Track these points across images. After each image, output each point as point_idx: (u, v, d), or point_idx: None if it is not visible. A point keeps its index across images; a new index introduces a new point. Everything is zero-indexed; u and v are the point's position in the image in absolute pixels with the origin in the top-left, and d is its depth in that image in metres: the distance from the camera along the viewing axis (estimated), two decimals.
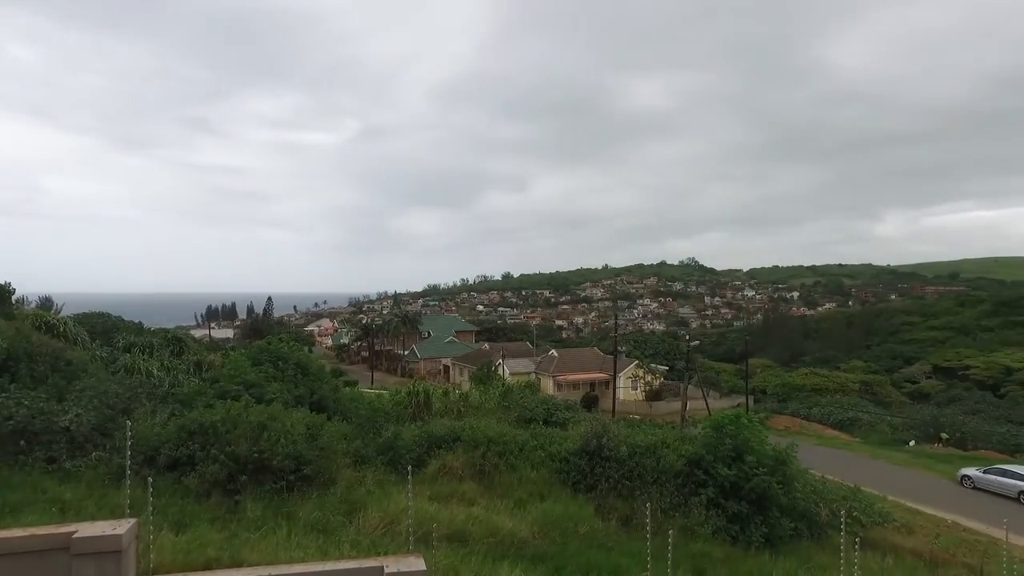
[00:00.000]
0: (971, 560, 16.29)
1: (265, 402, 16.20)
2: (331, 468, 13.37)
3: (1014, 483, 28.43)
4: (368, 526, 11.29)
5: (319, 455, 13.04)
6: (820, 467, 24.10)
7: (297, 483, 12.17)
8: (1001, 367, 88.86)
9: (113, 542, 5.43)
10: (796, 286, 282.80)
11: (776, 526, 15.36)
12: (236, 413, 13.14)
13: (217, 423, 12.64)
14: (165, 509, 10.24)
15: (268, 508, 11.22)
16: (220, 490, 11.51)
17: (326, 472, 13.06)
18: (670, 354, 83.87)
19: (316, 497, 12.12)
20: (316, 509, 11.44)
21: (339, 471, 13.73)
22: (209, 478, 11.58)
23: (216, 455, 11.76)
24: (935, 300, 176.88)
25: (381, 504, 12.16)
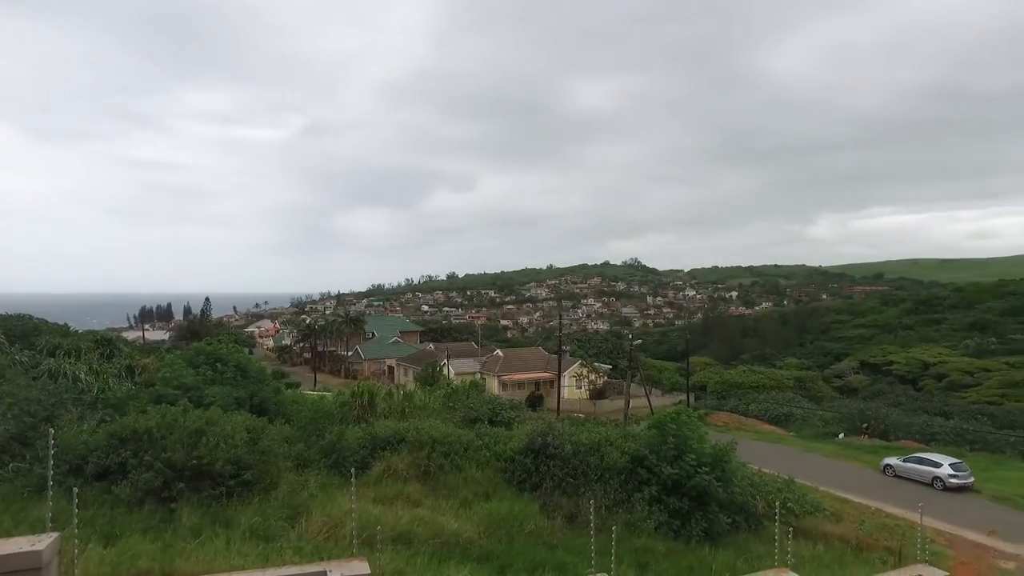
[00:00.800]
0: (891, 543, 17.19)
1: (204, 406, 15.70)
2: (273, 472, 13.08)
3: (928, 470, 30.16)
4: (311, 530, 11.09)
5: (260, 459, 12.73)
6: (757, 461, 24.99)
7: (237, 489, 11.84)
8: (919, 362, 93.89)
9: (32, 559, 5.05)
10: (735, 286, 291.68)
11: (715, 520, 15.86)
12: (172, 418, 12.70)
13: (152, 428, 12.18)
14: (93, 521, 9.80)
15: (206, 516, 10.88)
16: (154, 499, 11.08)
17: (267, 477, 12.76)
18: (614, 353, 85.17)
19: (257, 503, 11.83)
20: (257, 515, 11.16)
21: (281, 475, 13.44)
22: (142, 486, 11.13)
23: (151, 462, 11.32)
24: (862, 299, 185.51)
25: (324, 508, 11.97)
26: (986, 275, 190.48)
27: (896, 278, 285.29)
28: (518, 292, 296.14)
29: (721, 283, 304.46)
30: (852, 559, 15.76)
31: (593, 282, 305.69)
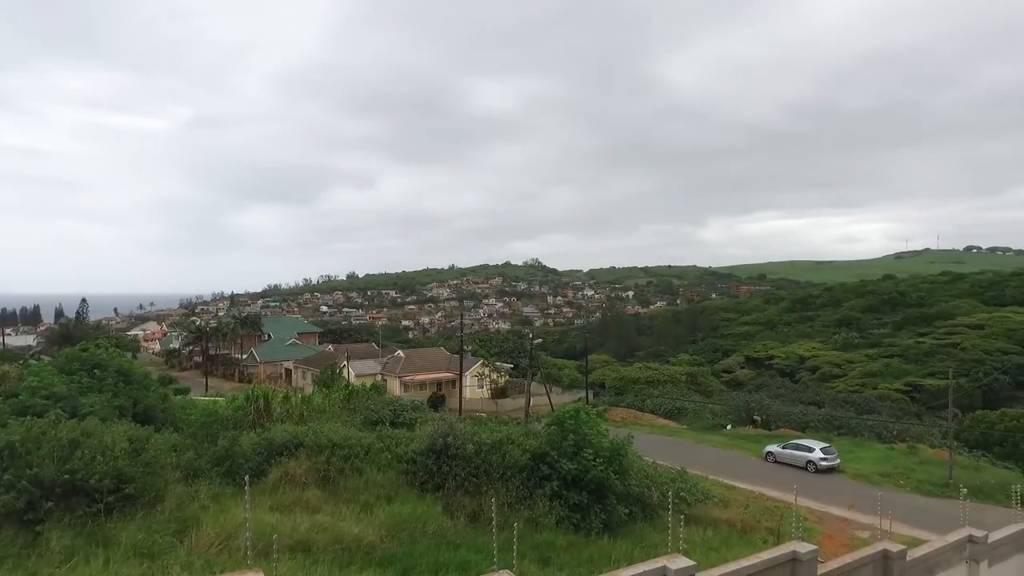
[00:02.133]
0: (772, 524, 18.47)
1: (79, 416, 14.54)
2: (158, 485, 12.31)
3: (803, 455, 32.72)
4: (202, 544, 10.55)
5: (144, 471, 11.96)
6: (652, 454, 26.05)
7: (118, 504, 11.06)
8: (797, 356, 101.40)
9: None
10: (631, 286, 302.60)
11: (614, 512, 16.44)
12: (40, 431, 11.68)
13: (15, 443, 11.12)
14: None
15: (80, 536, 10.08)
16: (15, 521, 10.10)
17: (152, 490, 12.00)
18: (515, 352, 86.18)
19: (141, 518, 11.10)
20: (140, 531, 10.48)
21: (168, 487, 12.68)
22: (0, 510, 10.12)
23: (12, 481, 10.32)
24: (747, 299, 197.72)
25: (217, 519, 11.41)
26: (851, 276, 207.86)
27: (777, 279, 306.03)
28: (419, 292, 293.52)
29: (618, 283, 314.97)
30: (738, 541, 16.80)
31: (494, 282, 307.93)
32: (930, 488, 28.43)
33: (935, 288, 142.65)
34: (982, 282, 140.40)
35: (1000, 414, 44.21)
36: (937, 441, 38.10)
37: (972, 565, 13.21)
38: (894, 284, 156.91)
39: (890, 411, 59.67)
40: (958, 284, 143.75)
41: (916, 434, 42.44)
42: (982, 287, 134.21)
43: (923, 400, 72.00)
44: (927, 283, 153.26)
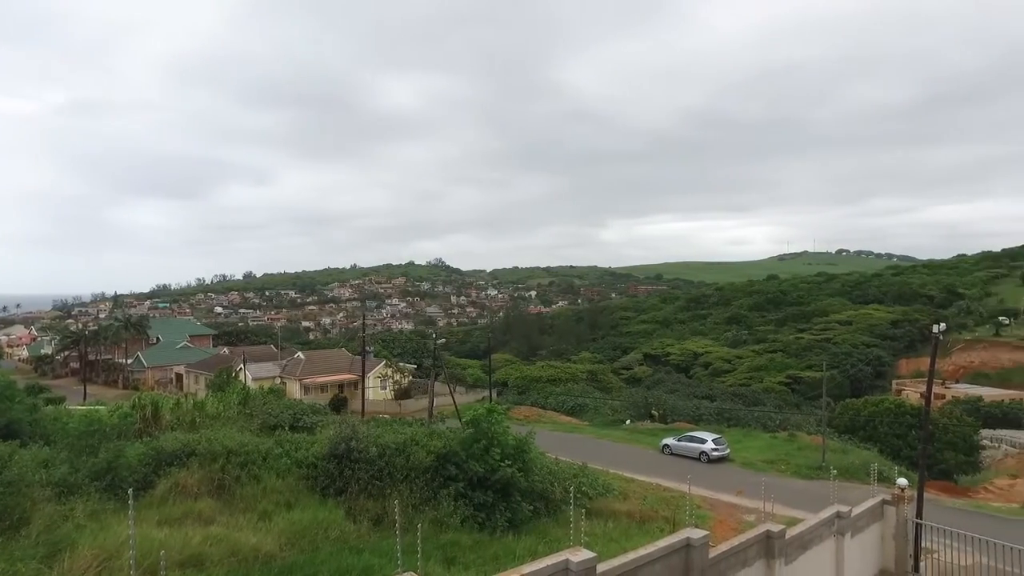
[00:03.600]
0: (668, 513, 19.35)
1: None
2: (23, 506, 11.26)
3: (696, 446, 34.51)
4: (77, 567, 9.77)
5: (4, 492, 10.90)
6: (555, 450, 26.57)
7: None
8: (691, 352, 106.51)
9: None
10: (534, 286, 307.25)
11: (518, 509, 16.65)
12: None
13: None
14: None
15: None
16: None
17: (15, 511, 10.96)
18: (418, 352, 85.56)
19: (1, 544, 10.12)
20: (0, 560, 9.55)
21: (35, 508, 11.63)
22: None
23: None
24: (645, 298, 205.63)
25: (96, 539, 10.60)
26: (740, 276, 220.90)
27: (673, 278, 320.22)
28: (320, 293, 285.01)
29: (521, 283, 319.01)
30: (637, 531, 17.46)
31: (398, 282, 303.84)
32: (807, 471, 30.75)
33: (812, 288, 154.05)
34: (850, 282, 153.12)
35: (864, 401, 48.32)
36: (813, 428, 41.16)
37: (839, 538, 14.47)
38: (777, 284, 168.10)
39: (774, 403, 63.97)
40: (831, 284, 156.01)
41: (796, 423, 45.69)
42: (850, 287, 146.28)
43: (802, 391, 77.61)
44: (805, 283, 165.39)
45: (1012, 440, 47.73)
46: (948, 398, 57.95)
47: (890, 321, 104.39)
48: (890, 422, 41.81)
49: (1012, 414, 53.59)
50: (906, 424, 40.53)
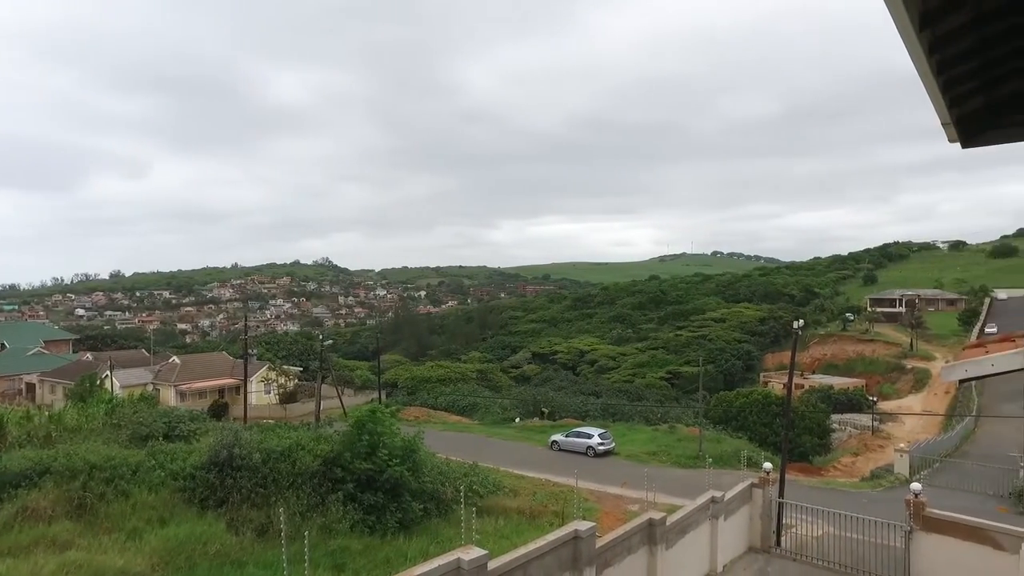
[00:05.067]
0: (557, 508, 19.88)
1: None
2: None
3: (583, 441, 35.68)
4: None
5: None
6: (446, 450, 26.58)
7: None
8: (578, 350, 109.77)
9: None
10: (423, 286, 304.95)
11: (408, 510, 16.53)
12: None
13: None
14: None
15: None
16: None
17: None
18: (304, 354, 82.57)
19: None
20: None
21: None
22: None
23: None
24: (533, 298, 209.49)
25: None
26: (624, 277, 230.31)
27: (560, 278, 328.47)
28: (198, 293, 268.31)
29: (410, 283, 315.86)
30: (527, 526, 17.81)
31: (282, 282, 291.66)
32: (686, 461, 32.61)
33: (690, 287, 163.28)
34: (724, 282, 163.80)
35: (736, 393, 51.89)
36: (691, 420, 43.67)
37: (714, 521, 15.53)
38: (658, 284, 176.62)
39: (655, 397, 67.26)
40: (706, 284, 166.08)
41: (675, 416, 48.28)
42: (723, 287, 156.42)
43: (681, 385, 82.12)
44: (684, 283, 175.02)
45: (854, 423, 53.10)
46: (806, 388, 63.37)
47: (758, 318, 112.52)
48: (758, 412, 45.10)
49: (855, 400, 59.55)
50: (772, 413, 43.87)
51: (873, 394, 65.71)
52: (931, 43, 3.66)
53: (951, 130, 4.35)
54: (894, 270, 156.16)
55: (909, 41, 3.56)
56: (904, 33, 3.47)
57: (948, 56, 3.83)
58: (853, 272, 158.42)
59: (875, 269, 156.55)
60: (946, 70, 3.92)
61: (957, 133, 4.37)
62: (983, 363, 6.34)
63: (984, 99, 4.26)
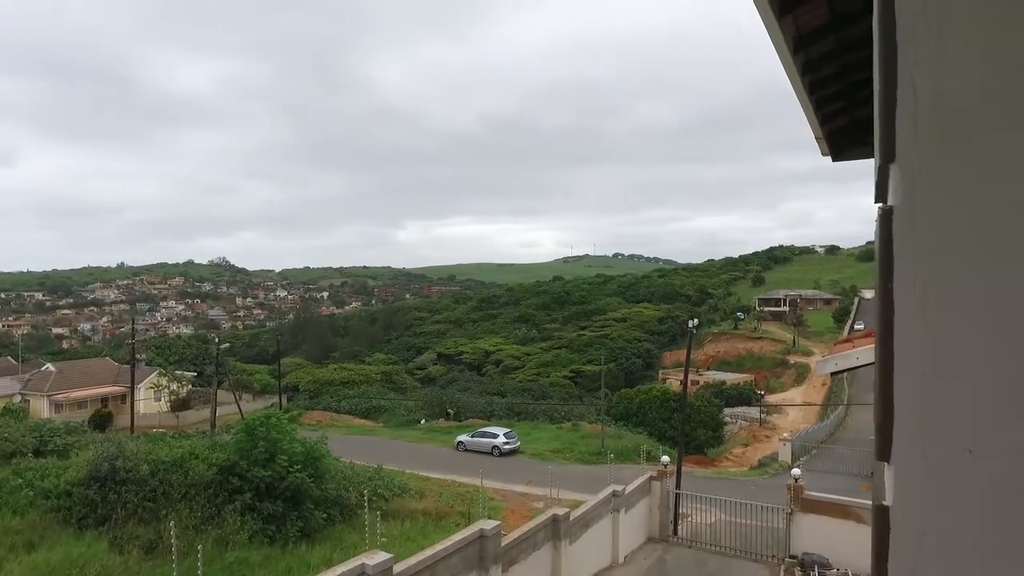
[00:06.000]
0: (464, 508, 19.93)
1: None
2: None
3: (489, 441, 35.97)
4: None
5: None
6: (350, 454, 26.01)
7: None
8: (483, 351, 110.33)
9: None
10: (326, 286, 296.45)
11: (311, 518, 16.07)
12: None
13: None
14: None
15: None
16: None
17: None
18: (199, 359, 78.36)
19: None
20: None
21: None
22: None
23: None
24: (439, 298, 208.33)
25: None
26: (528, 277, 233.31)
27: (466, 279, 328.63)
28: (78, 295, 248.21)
29: (313, 284, 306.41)
30: (434, 528, 17.75)
31: (175, 282, 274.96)
32: (589, 457, 33.53)
33: (592, 288, 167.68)
34: (624, 283, 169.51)
35: (636, 390, 53.91)
36: (593, 418, 44.91)
37: (615, 514, 16.11)
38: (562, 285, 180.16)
39: (559, 396, 68.63)
40: (608, 285, 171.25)
41: (579, 413, 49.49)
42: (624, 287, 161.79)
43: (584, 384, 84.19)
44: (587, 284, 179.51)
45: (745, 415, 56.58)
46: (701, 384, 66.73)
47: (657, 318, 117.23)
48: (657, 407, 47.03)
49: (745, 394, 63.51)
50: (669, 408, 45.86)
51: (761, 388, 70.24)
52: (804, 64, 4.00)
53: (823, 144, 4.78)
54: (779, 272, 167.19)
55: (786, 62, 3.89)
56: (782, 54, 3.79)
57: (819, 78, 4.20)
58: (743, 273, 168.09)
59: (763, 271, 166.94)
60: (818, 90, 4.30)
61: (828, 147, 4.80)
62: (850, 357, 6.96)
63: (849, 118, 4.70)
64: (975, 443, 0.77)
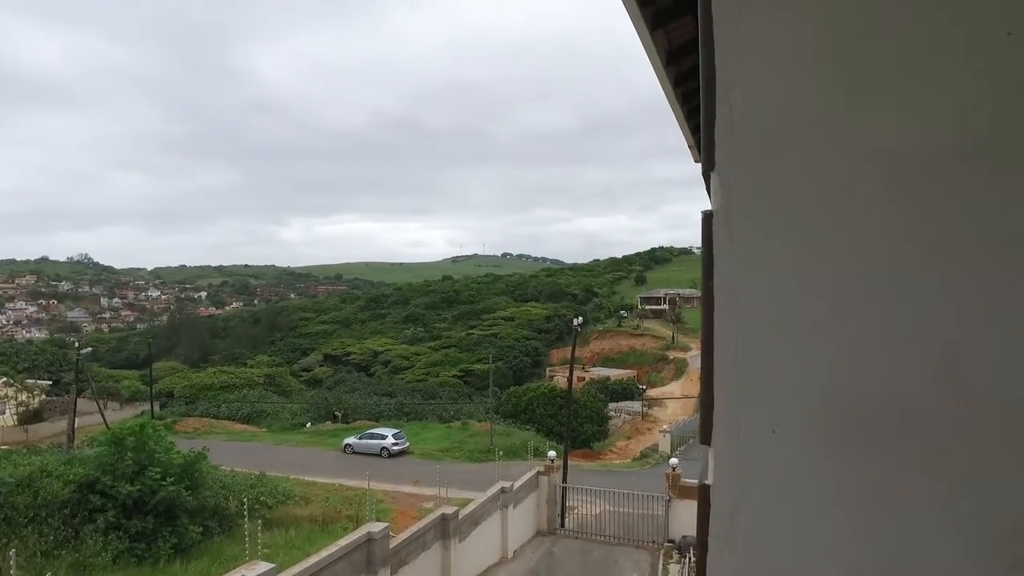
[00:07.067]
0: (351, 512, 19.50)
1: None
2: None
3: (378, 443, 35.47)
4: None
5: None
6: (230, 462, 24.74)
7: None
8: (371, 351, 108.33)
9: None
10: (204, 286, 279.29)
11: (186, 533, 15.14)
12: None
13: None
14: None
15: None
16: None
17: None
18: (55, 365, 71.67)
19: None
20: None
21: None
22: None
23: None
24: (325, 298, 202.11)
25: None
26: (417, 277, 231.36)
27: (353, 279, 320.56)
28: None
29: (189, 283, 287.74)
30: (320, 534, 17.24)
31: (25, 281, 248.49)
32: (478, 455, 33.78)
33: (481, 287, 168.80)
34: (513, 283, 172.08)
35: (525, 388, 54.97)
36: (483, 416, 45.29)
37: (504, 510, 16.37)
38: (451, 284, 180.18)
39: (449, 395, 68.55)
40: (497, 284, 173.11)
41: (468, 412, 49.74)
42: (513, 287, 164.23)
43: (473, 383, 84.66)
44: (476, 283, 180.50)
45: (628, 409, 59.18)
46: (587, 380, 68.99)
47: (544, 316, 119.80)
48: (545, 404, 48.10)
49: (628, 388, 66.41)
50: (557, 405, 47.01)
51: (643, 383, 73.66)
52: (676, 77, 4.28)
53: (695, 151, 5.13)
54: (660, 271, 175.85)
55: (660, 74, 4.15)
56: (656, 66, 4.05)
57: (689, 89, 4.51)
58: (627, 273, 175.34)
59: (645, 271, 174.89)
60: (688, 101, 4.62)
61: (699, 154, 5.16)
62: None
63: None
64: (778, 424, 0.90)
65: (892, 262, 0.87)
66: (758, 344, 0.90)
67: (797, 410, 0.88)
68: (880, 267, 0.88)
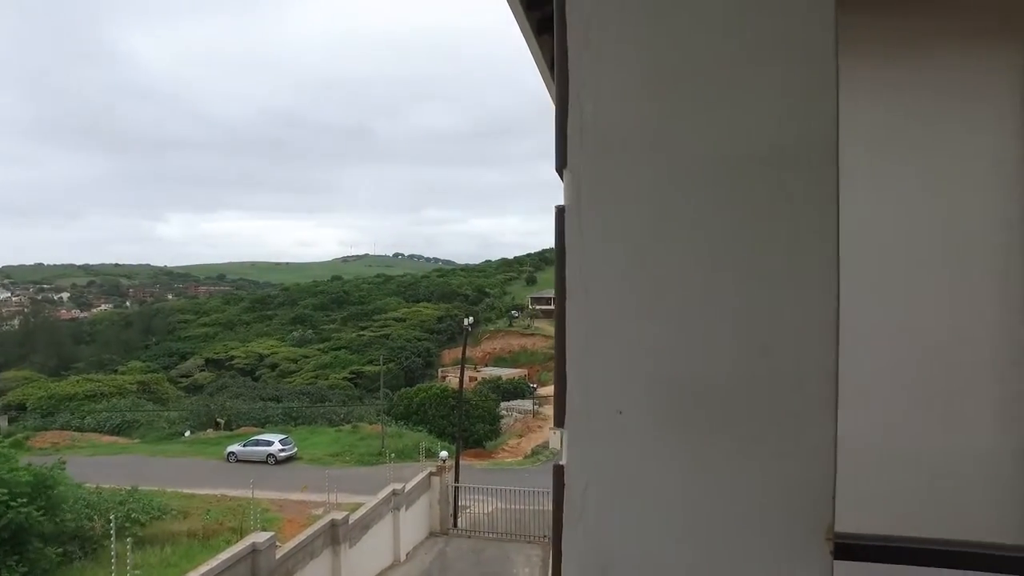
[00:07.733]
0: (235, 523, 18.57)
1: None
2: None
3: (264, 450, 34.09)
4: None
5: None
6: (97, 477, 22.93)
7: None
8: (256, 354, 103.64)
9: None
10: (66, 286, 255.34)
11: (39, 559, 13.82)
12: None
13: None
14: None
15: None
16: None
17: None
18: None
19: None
20: None
21: None
22: None
23: None
24: (207, 299, 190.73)
25: None
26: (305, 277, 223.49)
27: (237, 279, 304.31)
28: None
29: (48, 283, 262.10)
30: (200, 549, 16.31)
31: None
32: (369, 459, 33.17)
33: (372, 288, 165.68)
34: (405, 283, 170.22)
35: (416, 389, 54.48)
36: (374, 418, 44.50)
37: (396, 512, 16.22)
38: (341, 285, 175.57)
39: (339, 398, 66.81)
40: (388, 285, 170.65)
41: (359, 415, 48.72)
42: (404, 287, 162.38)
43: (364, 385, 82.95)
44: (367, 284, 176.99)
45: (519, 408, 60.16)
46: (479, 380, 69.41)
47: (436, 317, 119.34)
48: (437, 405, 47.92)
49: (519, 387, 67.60)
50: (448, 405, 46.98)
51: (533, 382, 75.11)
52: None
53: None
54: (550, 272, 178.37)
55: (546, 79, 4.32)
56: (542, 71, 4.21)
57: None
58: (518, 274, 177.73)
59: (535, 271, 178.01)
60: None
61: None
62: None
63: None
64: (623, 406, 0.99)
65: (715, 253, 0.98)
66: (604, 331, 0.99)
67: (638, 392, 0.98)
68: (703, 258, 0.99)
